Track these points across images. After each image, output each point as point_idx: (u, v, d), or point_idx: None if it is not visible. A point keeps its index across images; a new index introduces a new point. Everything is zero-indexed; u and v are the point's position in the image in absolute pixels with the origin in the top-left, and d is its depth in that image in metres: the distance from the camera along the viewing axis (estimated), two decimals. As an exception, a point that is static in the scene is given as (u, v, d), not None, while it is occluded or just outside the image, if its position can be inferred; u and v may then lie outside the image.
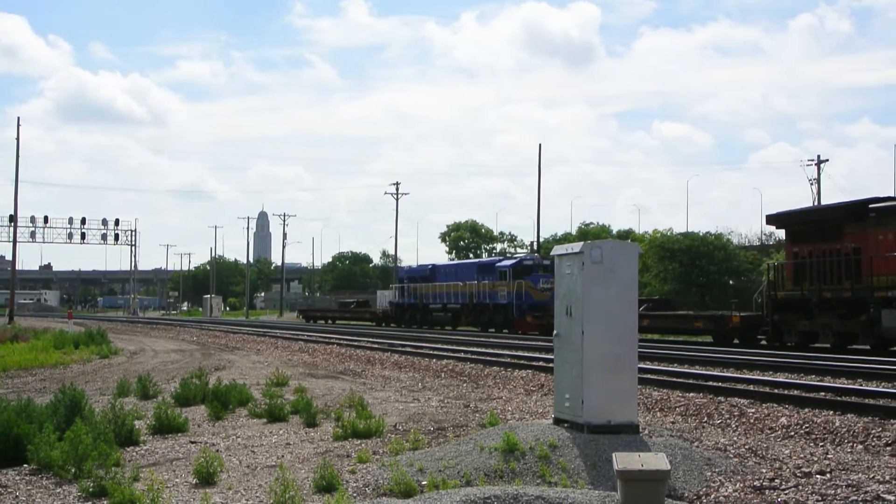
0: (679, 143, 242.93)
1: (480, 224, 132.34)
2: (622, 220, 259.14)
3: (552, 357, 13.06)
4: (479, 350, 34.31)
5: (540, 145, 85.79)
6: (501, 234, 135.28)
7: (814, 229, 34.02)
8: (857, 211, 32.59)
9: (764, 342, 36.25)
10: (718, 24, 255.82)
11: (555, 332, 12.31)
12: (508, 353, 32.33)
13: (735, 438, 12.85)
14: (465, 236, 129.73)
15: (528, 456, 10.67)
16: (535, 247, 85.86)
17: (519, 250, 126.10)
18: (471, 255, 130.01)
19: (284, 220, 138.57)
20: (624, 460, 8.58)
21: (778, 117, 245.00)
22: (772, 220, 37.29)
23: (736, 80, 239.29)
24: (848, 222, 32.59)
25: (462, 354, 31.19)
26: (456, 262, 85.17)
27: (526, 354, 30.81)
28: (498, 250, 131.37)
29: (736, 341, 38.33)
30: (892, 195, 40.95)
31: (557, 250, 12.51)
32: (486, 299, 58.23)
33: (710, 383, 20.09)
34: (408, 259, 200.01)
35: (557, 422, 12.06)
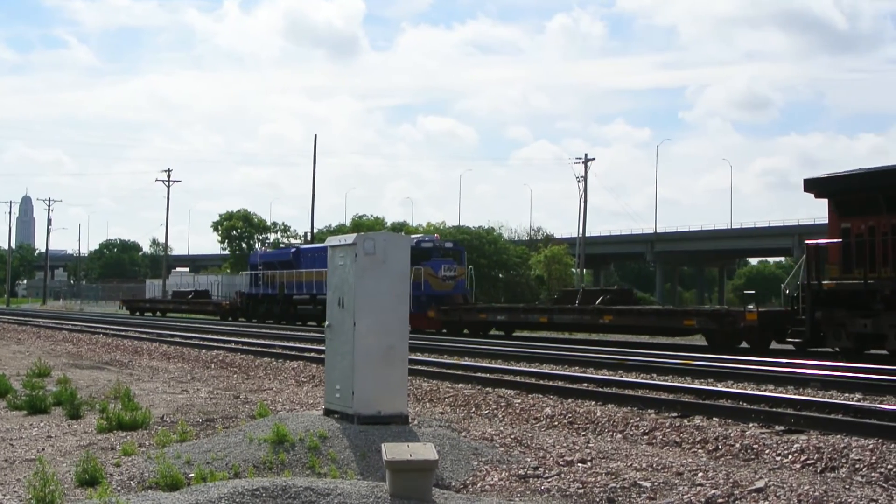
0: (444, 137, 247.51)
1: (253, 213, 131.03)
2: (393, 213, 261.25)
3: (324, 348, 13.05)
4: (251, 341, 33.97)
5: (315, 136, 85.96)
6: (275, 224, 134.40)
7: (878, 198, 25.54)
8: None
9: (793, 345, 27.96)
10: (479, 23, 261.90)
11: (326, 323, 12.29)
12: (280, 343, 32.12)
13: (502, 428, 13.13)
14: (238, 225, 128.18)
15: (298, 447, 10.63)
16: (310, 237, 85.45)
17: (293, 241, 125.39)
18: (244, 245, 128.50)
19: (49, 206, 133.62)
20: (393, 451, 8.65)
21: (538, 115, 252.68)
22: (812, 185, 28.03)
23: (498, 77, 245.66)
24: None
25: (233, 345, 30.84)
26: (328, 244, 79.21)
27: (297, 345, 30.68)
28: (271, 240, 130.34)
29: (744, 345, 30.59)
30: None
31: (331, 241, 12.52)
32: None
33: (479, 374, 20.48)
34: (179, 248, 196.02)
35: (328, 413, 12.05)
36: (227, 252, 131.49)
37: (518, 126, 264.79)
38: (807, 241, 28.45)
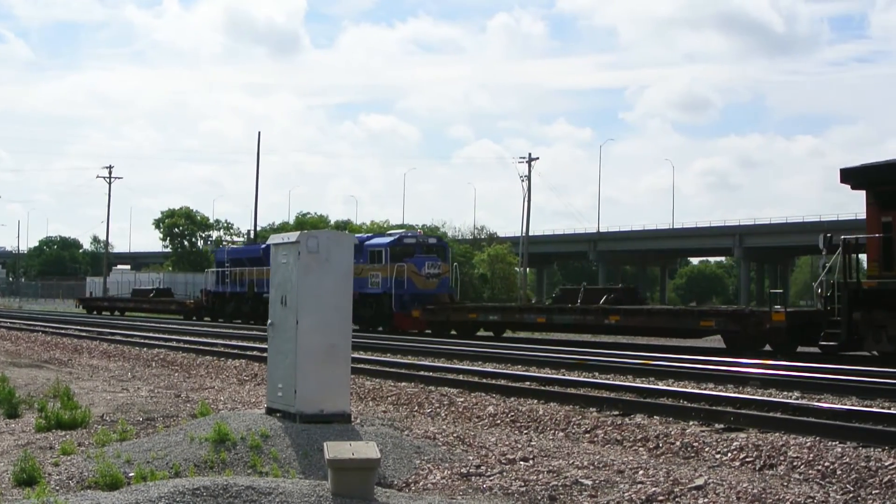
0: (387, 136, 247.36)
1: (196, 211, 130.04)
2: (336, 211, 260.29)
3: (266, 346, 13.00)
4: (192, 339, 33.73)
5: (259, 133, 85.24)
6: (217, 221, 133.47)
7: None
8: None
9: (825, 348, 25.89)
10: (421, 21, 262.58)
11: (269, 321, 12.24)
12: (222, 342, 31.93)
13: (444, 427, 13.14)
14: (180, 223, 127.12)
15: (240, 446, 10.57)
16: (253, 235, 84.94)
17: (236, 238, 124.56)
18: (186, 243, 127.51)
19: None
20: (335, 449, 8.63)
21: (480, 114, 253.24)
22: (848, 176, 26.07)
23: (440, 76, 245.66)
24: None
25: (174, 343, 30.60)
26: None
27: (240, 344, 30.53)
28: (214, 238, 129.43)
29: (767, 348, 28.29)
30: None
31: (274, 239, 12.47)
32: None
33: (422, 373, 20.49)
34: (120, 245, 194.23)
35: (270, 412, 12.00)
36: (168, 250, 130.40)
37: (460, 125, 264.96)
38: (843, 237, 26.17)
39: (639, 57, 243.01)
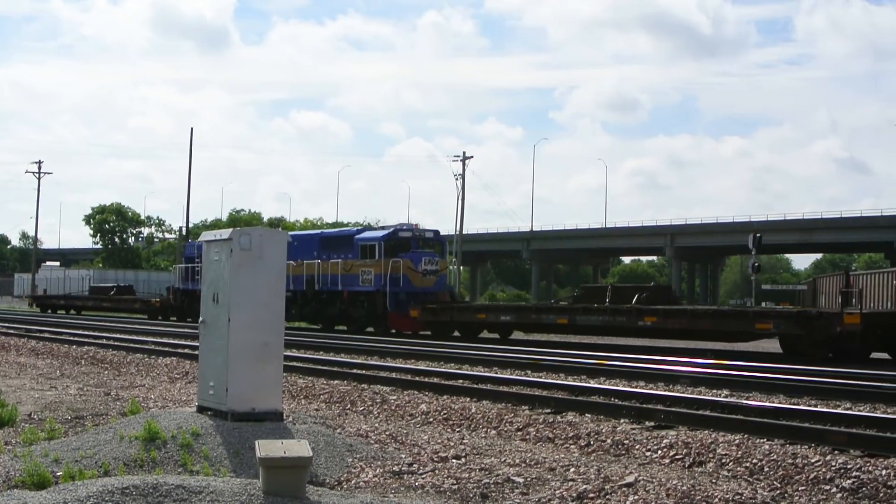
0: (318, 133, 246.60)
1: (127, 207, 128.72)
2: (269, 208, 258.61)
3: (198, 344, 12.90)
4: (122, 336, 33.36)
5: (192, 129, 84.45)
6: (149, 218, 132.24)
7: None
8: None
9: None
10: (350, 18, 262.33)
11: (200, 319, 12.15)
12: (153, 339, 31.63)
13: (377, 425, 13.14)
14: (110, 219, 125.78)
15: (171, 444, 10.48)
16: (185, 232, 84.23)
17: (167, 235, 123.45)
18: (117, 240, 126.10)
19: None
20: (266, 448, 8.59)
21: (411, 112, 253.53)
22: None
23: (370, 73, 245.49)
24: None
25: (104, 341, 30.26)
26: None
27: (171, 341, 30.27)
28: (145, 234, 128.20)
29: (830, 355, 25.85)
30: None
31: (206, 236, 12.38)
32: (338, 285, 41.78)
33: (355, 371, 20.46)
34: (49, 242, 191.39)
35: (201, 410, 11.91)
36: (99, 246, 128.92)
37: (392, 123, 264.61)
38: None
39: (567, 57, 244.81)
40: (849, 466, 9.79)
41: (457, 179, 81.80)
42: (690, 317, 29.62)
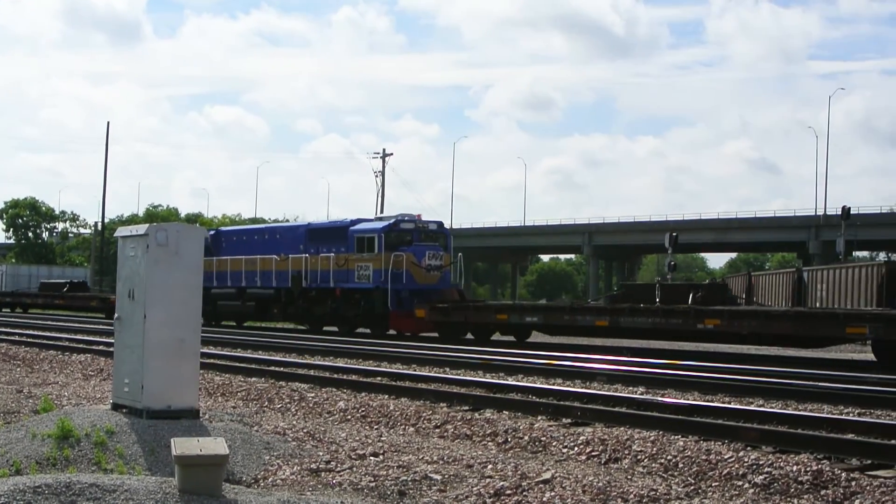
0: (233, 128, 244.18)
1: (41, 202, 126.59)
2: (186, 204, 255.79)
3: (113, 341, 12.75)
4: (35, 333, 32.83)
5: (108, 123, 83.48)
6: (63, 212, 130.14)
7: None
8: None
9: None
10: (264, 13, 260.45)
11: (116, 315, 12.01)
12: (67, 336, 31.15)
13: (294, 422, 13.08)
14: (24, 214, 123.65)
15: (84, 443, 10.34)
16: (101, 227, 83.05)
17: (82, 230, 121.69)
18: (30, 235, 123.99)
19: None
20: (182, 445, 8.51)
21: (327, 109, 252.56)
22: None
23: (286, 69, 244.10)
24: None
25: (17, 337, 29.76)
26: (261, 226, 52.96)
27: (86, 338, 29.85)
28: (60, 229, 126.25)
29: None
30: None
31: (121, 232, 12.23)
32: (330, 282, 37.99)
33: (273, 368, 20.34)
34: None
35: (116, 407, 11.78)
36: (12, 241, 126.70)
37: (308, 119, 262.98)
38: None
39: (483, 56, 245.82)
40: (761, 462, 9.95)
41: (376, 176, 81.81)
42: (764, 319, 26.04)
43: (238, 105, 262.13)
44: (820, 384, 16.84)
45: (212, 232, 45.84)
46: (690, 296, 31.18)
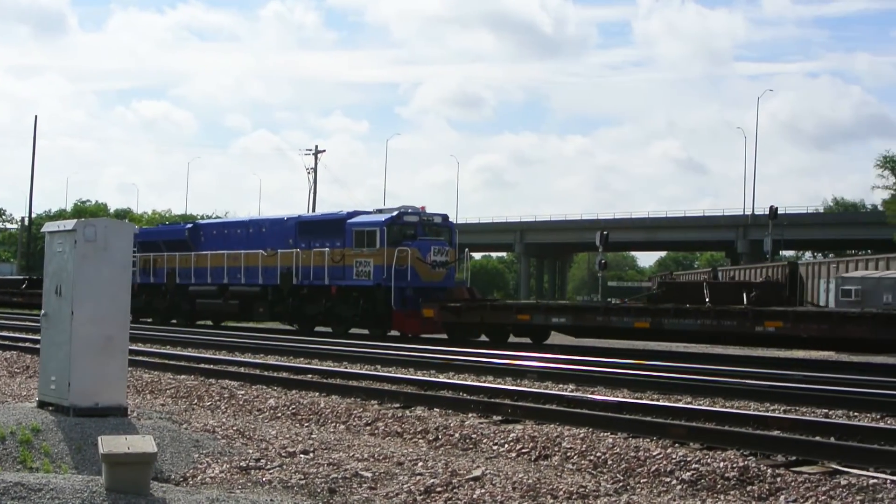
0: (162, 123, 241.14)
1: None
2: (114, 199, 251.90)
3: (39, 338, 12.58)
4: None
5: (36, 117, 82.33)
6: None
7: None
8: None
9: None
10: (191, 7, 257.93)
11: (42, 312, 11.86)
12: (-8, 333, 30.65)
13: (224, 420, 13.01)
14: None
15: (9, 441, 10.20)
16: (28, 223, 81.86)
17: (8, 226, 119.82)
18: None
19: None
20: (109, 444, 8.43)
21: (256, 104, 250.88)
22: None
23: (214, 64, 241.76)
24: None
25: (-60, 334, 29.23)
26: (245, 218, 47.66)
27: (10, 335, 29.38)
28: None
29: None
30: None
31: (49, 227, 12.09)
32: (324, 279, 35.02)
33: (203, 365, 20.19)
34: None
35: (43, 405, 11.64)
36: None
37: (237, 114, 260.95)
38: None
39: (412, 54, 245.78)
40: (688, 459, 10.07)
41: (309, 173, 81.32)
42: (836, 321, 23.44)
43: (166, 99, 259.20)
44: (746, 381, 17.05)
45: (189, 225, 43.48)
46: (744, 295, 28.42)
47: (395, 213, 34.18)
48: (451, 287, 34.00)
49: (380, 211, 35.82)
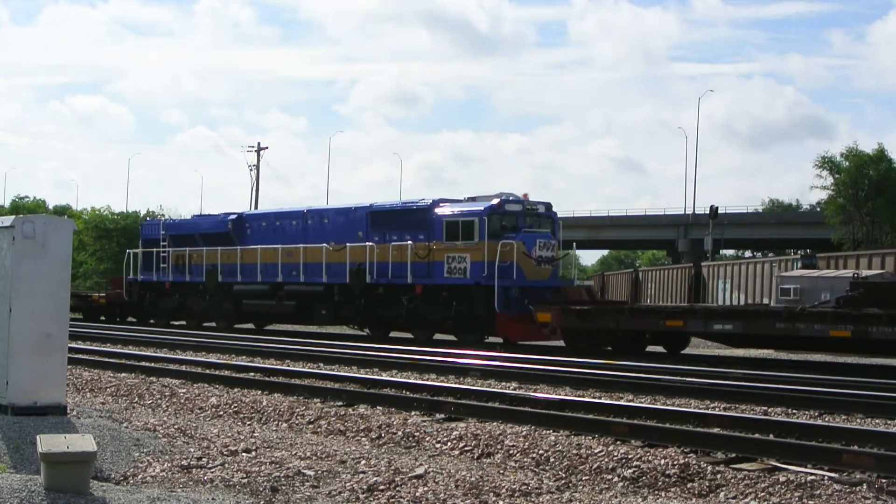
0: (97, 119, 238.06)
1: None
2: (51, 195, 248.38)
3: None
4: None
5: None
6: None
7: None
8: None
9: None
10: (124, 2, 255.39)
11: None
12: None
13: (165, 418, 12.93)
14: None
15: (-55, 440, 10.06)
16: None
17: None
18: None
19: None
20: (48, 442, 8.34)
21: (193, 101, 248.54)
22: None
23: (150, 60, 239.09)
24: None
25: None
26: (300, 208, 37.50)
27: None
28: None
29: None
30: None
31: (-14, 223, 11.90)
32: (407, 277, 30.07)
33: (143, 364, 20.04)
34: None
35: (-21, 404, 11.48)
36: None
37: (174, 110, 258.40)
38: None
39: (348, 51, 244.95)
40: (630, 456, 10.14)
41: (251, 170, 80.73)
42: None
43: (101, 95, 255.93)
44: (687, 380, 17.20)
45: (233, 216, 38.17)
46: None
47: (494, 202, 29.36)
48: (562, 286, 30.06)
49: (472, 199, 30.87)
